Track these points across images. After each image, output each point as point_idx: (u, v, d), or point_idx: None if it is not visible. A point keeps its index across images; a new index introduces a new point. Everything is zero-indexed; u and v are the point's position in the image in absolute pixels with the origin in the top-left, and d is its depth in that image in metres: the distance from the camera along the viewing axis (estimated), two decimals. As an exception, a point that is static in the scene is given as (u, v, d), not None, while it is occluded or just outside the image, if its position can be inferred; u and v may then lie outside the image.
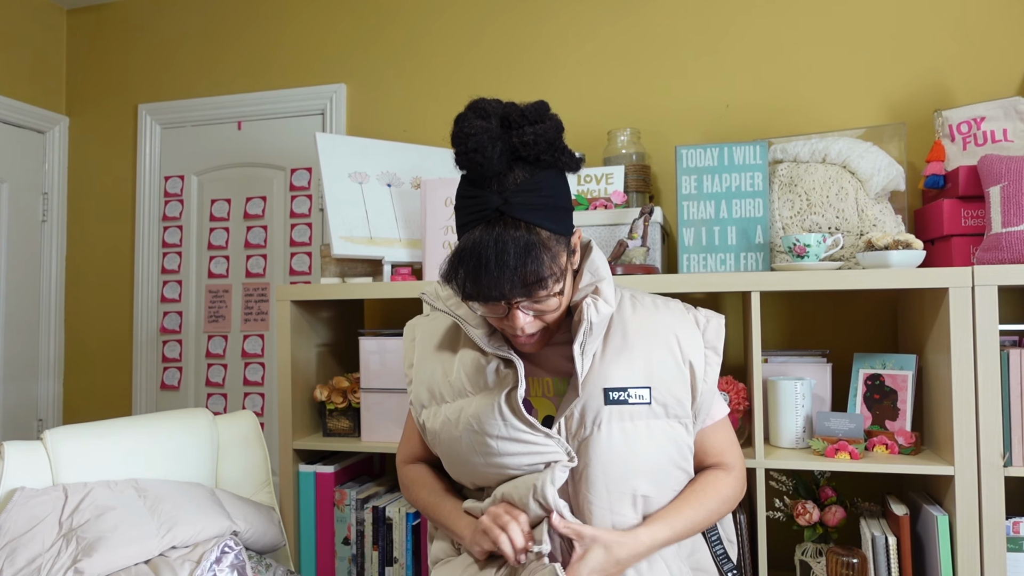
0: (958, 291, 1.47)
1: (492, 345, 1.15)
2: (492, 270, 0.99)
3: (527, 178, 1.04)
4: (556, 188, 1.07)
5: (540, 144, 1.04)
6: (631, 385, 1.13)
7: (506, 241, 1.00)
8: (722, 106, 2.15)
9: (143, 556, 1.35)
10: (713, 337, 1.20)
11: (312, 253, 2.55)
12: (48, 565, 1.26)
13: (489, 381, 1.16)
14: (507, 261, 0.99)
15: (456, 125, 1.06)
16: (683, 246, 1.77)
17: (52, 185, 2.81)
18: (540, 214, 1.03)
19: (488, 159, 1.02)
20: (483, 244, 1.00)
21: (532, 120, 1.05)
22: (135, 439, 1.56)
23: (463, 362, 1.20)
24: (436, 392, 1.23)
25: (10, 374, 2.67)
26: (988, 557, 1.44)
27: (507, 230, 1.01)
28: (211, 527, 1.45)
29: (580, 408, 1.13)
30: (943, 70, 1.99)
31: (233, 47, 2.67)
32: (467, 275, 1.01)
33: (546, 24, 2.32)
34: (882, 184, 1.71)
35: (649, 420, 1.13)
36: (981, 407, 1.45)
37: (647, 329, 1.18)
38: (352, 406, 1.93)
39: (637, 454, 1.11)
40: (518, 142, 1.03)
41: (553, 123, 1.06)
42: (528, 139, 1.03)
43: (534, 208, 1.03)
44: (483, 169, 1.03)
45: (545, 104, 1.07)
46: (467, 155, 1.03)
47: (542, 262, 1.01)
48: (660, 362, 1.15)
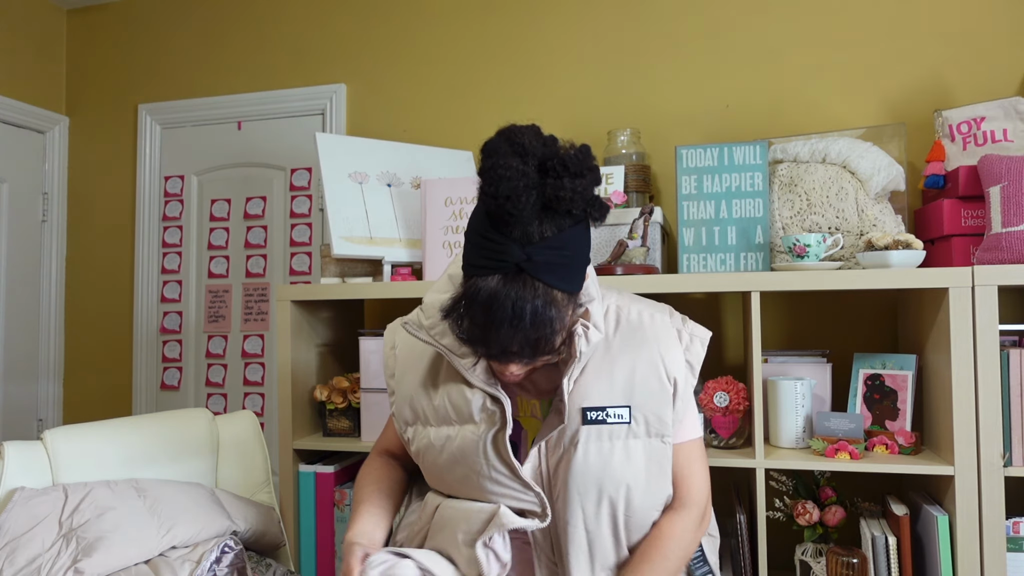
0: (958, 291, 1.47)
1: (479, 379, 1.12)
2: (505, 330, 0.95)
3: (554, 234, 0.98)
4: (580, 245, 1.01)
5: (576, 200, 0.97)
6: (610, 404, 1.11)
7: (524, 304, 0.95)
8: (722, 106, 2.15)
9: (143, 556, 1.35)
10: (693, 357, 1.17)
11: (312, 253, 2.55)
12: (48, 565, 1.26)
13: (475, 414, 1.13)
14: (522, 325, 0.95)
15: (488, 158, 0.97)
16: (683, 246, 1.77)
17: (52, 185, 2.81)
18: (559, 274, 0.98)
19: (519, 210, 0.95)
20: (498, 301, 0.95)
21: (573, 172, 0.97)
22: (135, 439, 1.56)
23: (448, 390, 1.16)
24: (420, 413, 1.20)
25: (10, 374, 2.67)
26: (988, 557, 1.44)
27: (525, 291, 0.95)
28: (211, 527, 1.45)
29: (558, 431, 1.12)
30: (943, 70, 1.99)
31: (233, 47, 2.67)
32: (475, 326, 0.97)
33: (546, 24, 2.32)
34: (882, 184, 1.71)
35: (628, 440, 1.11)
36: (981, 407, 1.45)
37: (630, 346, 1.15)
38: (352, 406, 1.93)
39: (613, 474, 1.10)
40: (552, 195, 0.96)
41: (593, 176, 0.99)
42: (565, 195, 0.96)
43: (555, 267, 0.97)
44: (511, 218, 0.96)
45: (588, 152, 1.00)
46: (496, 200, 0.95)
47: (554, 328, 0.97)
48: (642, 379, 1.13)
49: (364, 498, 1.26)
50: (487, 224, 0.98)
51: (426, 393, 1.19)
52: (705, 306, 2.10)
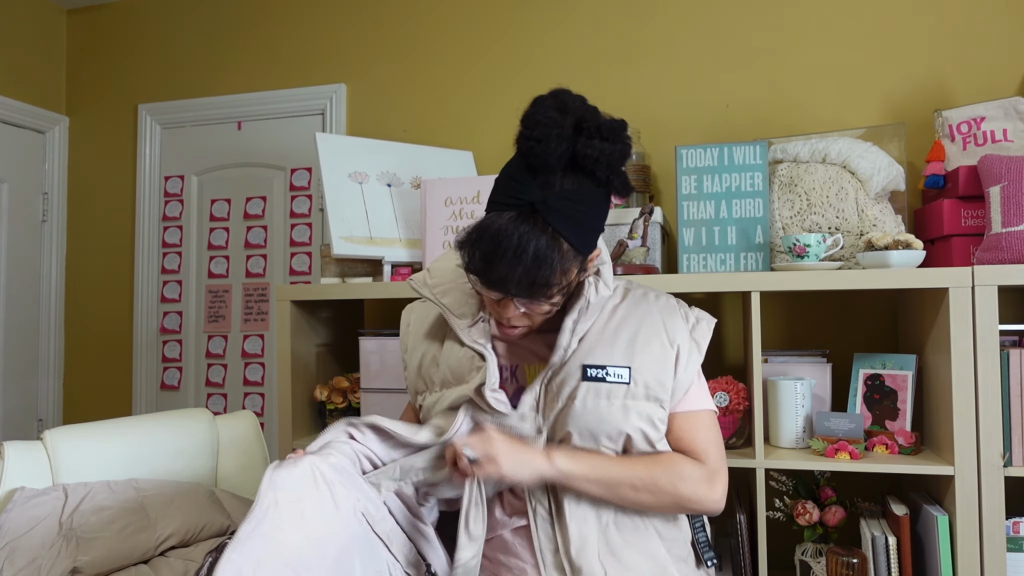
0: (958, 291, 1.47)
1: (470, 337, 1.17)
2: (505, 263, 1.00)
3: (574, 188, 1.03)
4: (596, 206, 1.06)
5: (602, 162, 1.03)
6: (611, 364, 1.13)
7: (529, 240, 1.00)
8: (722, 106, 2.15)
9: (143, 556, 1.35)
10: (699, 335, 1.19)
11: (312, 253, 2.55)
12: (48, 565, 1.26)
13: (467, 373, 1.17)
14: (523, 260, 0.99)
15: (532, 107, 1.05)
16: (683, 246, 1.77)
17: (52, 185, 2.81)
18: (571, 226, 1.03)
19: (547, 154, 1.02)
20: (506, 234, 1.00)
21: (605, 136, 1.04)
22: (135, 439, 1.56)
23: (448, 352, 1.21)
24: (427, 379, 1.25)
25: (10, 374, 2.67)
26: (988, 557, 1.44)
27: (534, 229, 1.00)
28: (211, 527, 1.45)
29: (558, 383, 1.13)
30: (943, 70, 1.99)
31: (233, 47, 2.67)
32: (480, 255, 1.02)
33: (546, 24, 2.32)
34: (882, 184, 1.71)
35: (626, 400, 1.12)
36: (981, 407, 1.45)
37: (635, 315, 1.18)
38: (352, 406, 1.93)
39: (610, 426, 1.12)
40: (581, 152, 1.02)
41: (623, 147, 1.05)
42: (593, 153, 1.02)
43: (568, 218, 1.02)
44: (538, 161, 1.02)
45: (624, 124, 1.07)
46: (528, 141, 1.02)
47: (554, 272, 1.01)
48: (644, 343, 1.15)
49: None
50: (516, 165, 1.06)
51: (431, 358, 1.24)
52: (705, 306, 2.10)
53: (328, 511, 1.04)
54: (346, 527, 1.05)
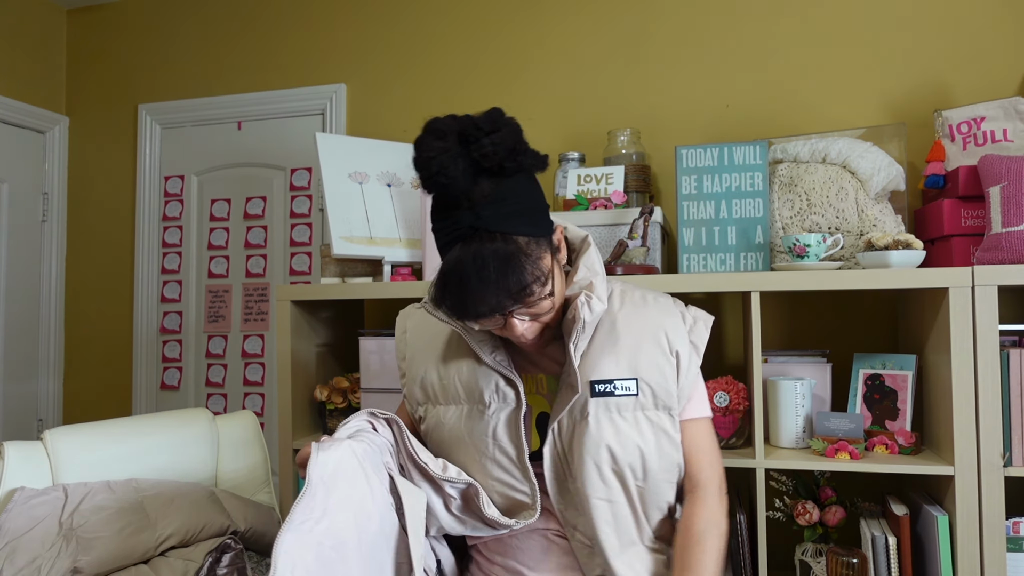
0: (958, 291, 1.47)
1: (495, 360, 1.16)
2: (475, 287, 0.99)
3: (494, 189, 1.03)
4: (526, 192, 1.06)
5: (500, 152, 1.02)
6: (617, 377, 1.14)
7: (484, 256, 0.99)
8: (722, 106, 2.15)
9: (143, 556, 1.35)
10: (697, 337, 1.21)
11: (312, 253, 2.55)
12: (48, 565, 1.26)
13: (485, 394, 1.16)
14: (488, 276, 0.99)
15: (416, 151, 1.05)
16: (683, 246, 1.77)
17: (52, 185, 2.81)
18: (513, 222, 1.03)
19: (453, 179, 1.01)
20: (462, 263, 1.00)
21: (488, 130, 1.03)
22: (135, 439, 1.56)
23: (458, 369, 1.20)
24: (430, 393, 1.24)
25: (10, 374, 2.67)
26: (988, 557, 1.44)
27: (484, 245, 1.00)
28: (211, 527, 1.45)
29: (568, 408, 1.14)
30: (943, 70, 1.99)
31: (233, 47, 2.67)
32: (452, 297, 1.01)
33: (547, 24, 2.32)
34: (882, 184, 1.71)
35: (636, 412, 1.14)
36: (981, 407, 1.45)
37: (635, 323, 1.19)
38: (352, 406, 1.93)
39: (625, 441, 1.12)
40: (478, 155, 1.02)
41: (510, 128, 1.05)
42: (487, 150, 1.02)
43: (506, 217, 1.02)
44: (449, 189, 1.02)
45: (498, 111, 1.06)
46: (431, 179, 1.02)
47: (524, 270, 1.01)
48: (647, 353, 1.16)
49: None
50: (437, 207, 1.06)
51: (436, 372, 1.23)
52: (705, 306, 2.10)
53: (367, 496, 1.05)
54: (380, 514, 1.06)
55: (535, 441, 1.18)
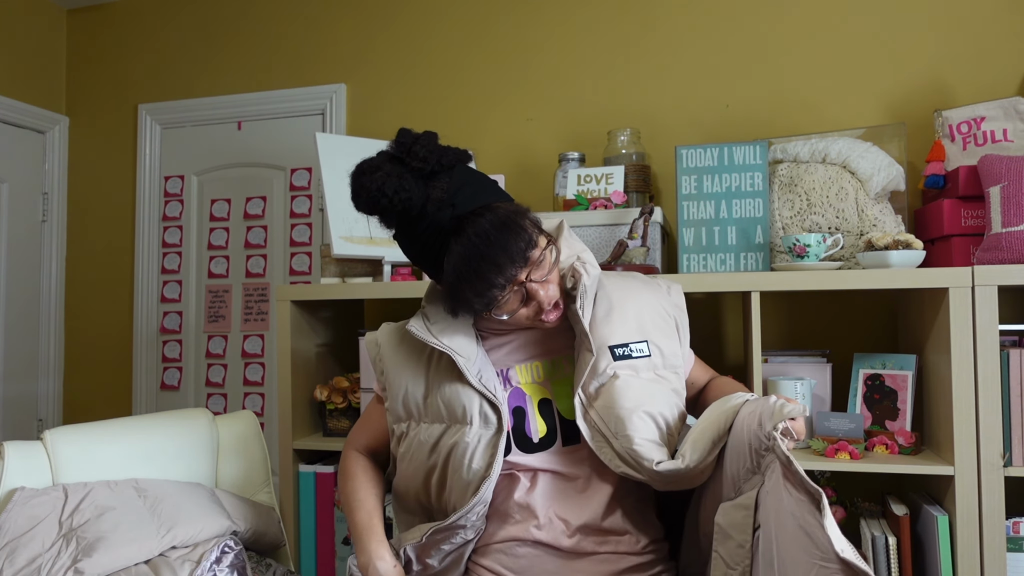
0: (958, 291, 1.47)
1: (480, 382, 1.15)
2: (489, 259, 1.02)
3: (448, 183, 1.07)
4: (474, 175, 1.11)
5: (433, 152, 1.08)
6: (630, 340, 1.17)
7: (482, 230, 1.03)
8: (722, 106, 2.15)
9: (143, 556, 1.35)
10: (680, 300, 1.29)
11: (312, 253, 2.55)
12: (48, 565, 1.26)
13: (468, 415, 1.15)
14: (496, 242, 1.02)
15: (360, 189, 1.09)
16: (683, 246, 1.77)
17: (52, 185, 2.81)
18: (483, 196, 1.07)
19: (409, 191, 1.05)
20: (468, 250, 1.03)
21: (412, 140, 1.09)
22: (135, 439, 1.55)
23: (440, 388, 1.18)
24: (412, 410, 1.21)
25: (10, 374, 2.67)
26: (988, 557, 1.44)
27: (474, 223, 1.04)
28: (211, 527, 1.45)
29: (590, 369, 1.15)
30: (943, 70, 1.99)
31: (233, 47, 2.67)
32: (472, 283, 1.04)
33: (547, 24, 2.32)
34: (882, 184, 1.71)
35: (652, 372, 1.18)
36: (981, 407, 1.45)
37: (628, 293, 1.23)
38: (352, 406, 1.93)
39: (654, 395, 1.15)
40: (418, 163, 1.07)
41: (425, 136, 1.10)
42: (422, 154, 1.07)
43: (475, 195, 1.07)
44: (412, 203, 1.06)
45: (405, 129, 1.13)
46: (390, 203, 1.05)
47: (521, 226, 1.05)
48: (649, 317, 1.21)
49: (363, 503, 1.27)
50: (407, 229, 1.11)
51: (417, 390, 1.21)
52: (705, 306, 2.10)
53: None
54: None
55: (541, 427, 1.18)
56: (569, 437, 1.17)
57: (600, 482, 1.16)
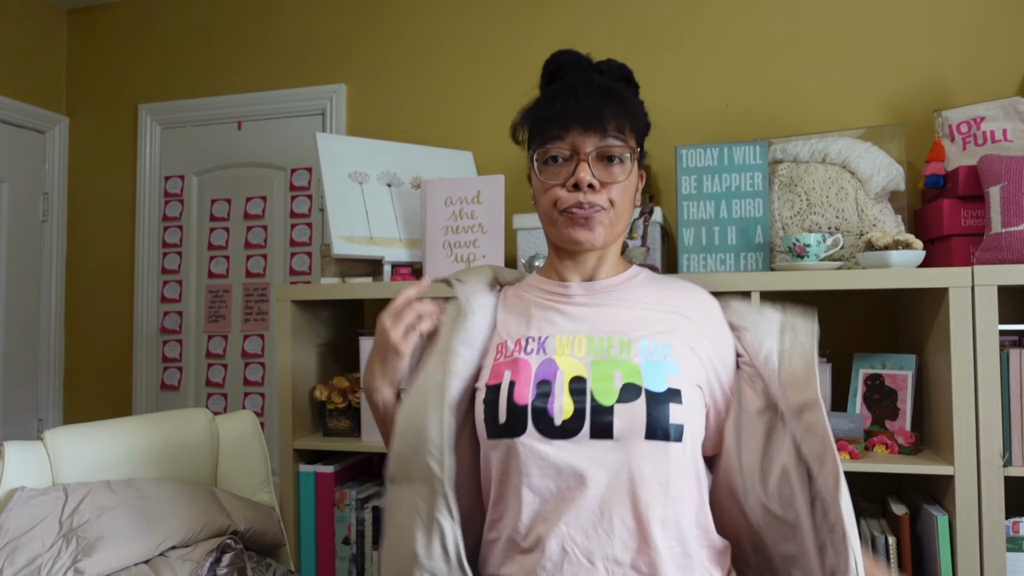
0: (958, 291, 1.47)
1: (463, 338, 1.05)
2: (579, 96, 1.04)
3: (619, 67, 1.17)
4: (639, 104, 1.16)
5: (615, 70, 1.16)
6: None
7: (594, 80, 1.08)
8: (722, 106, 2.15)
9: (143, 556, 1.35)
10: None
11: (312, 253, 2.55)
12: (48, 565, 1.26)
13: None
14: (595, 87, 1.05)
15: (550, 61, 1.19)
16: (683, 246, 1.77)
17: (52, 185, 2.81)
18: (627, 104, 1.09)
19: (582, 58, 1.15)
20: (573, 80, 1.09)
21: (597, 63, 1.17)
22: (135, 439, 1.56)
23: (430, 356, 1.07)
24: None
25: (10, 374, 2.67)
26: (988, 557, 1.44)
27: (597, 78, 1.10)
28: (211, 527, 1.45)
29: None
30: (943, 70, 1.99)
31: (233, 47, 2.66)
32: (550, 103, 1.08)
33: (546, 24, 2.32)
34: (882, 184, 1.71)
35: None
36: (981, 407, 1.45)
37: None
38: (352, 406, 1.93)
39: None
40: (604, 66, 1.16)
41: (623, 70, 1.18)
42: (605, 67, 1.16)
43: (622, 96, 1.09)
44: (581, 59, 1.15)
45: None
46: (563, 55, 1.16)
47: (623, 105, 1.06)
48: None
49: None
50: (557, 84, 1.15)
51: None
52: (705, 306, 2.10)
53: None
54: None
55: (568, 406, 0.96)
56: (599, 429, 0.95)
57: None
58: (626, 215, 1.09)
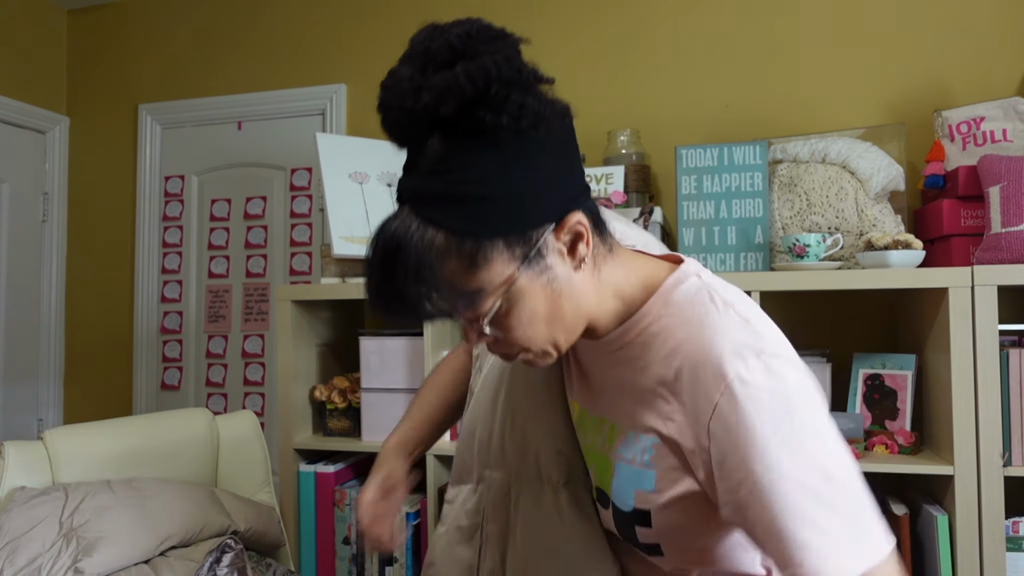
0: (957, 291, 1.47)
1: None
2: (370, 272, 0.71)
3: (439, 152, 0.69)
4: (480, 169, 0.68)
5: (447, 97, 0.66)
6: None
7: (385, 241, 0.69)
8: (722, 106, 2.15)
9: (143, 556, 1.35)
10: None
11: (312, 253, 2.55)
12: (48, 564, 1.26)
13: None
14: (376, 270, 0.70)
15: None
16: (683, 246, 1.77)
17: (52, 185, 2.82)
18: (444, 208, 0.68)
19: (396, 121, 0.70)
20: (371, 243, 0.72)
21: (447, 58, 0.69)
22: (135, 439, 1.56)
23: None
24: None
25: (10, 374, 2.67)
26: (987, 557, 1.44)
27: (398, 223, 0.69)
28: (211, 527, 1.45)
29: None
30: (943, 70, 1.99)
31: (233, 47, 2.67)
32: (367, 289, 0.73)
33: (546, 24, 2.32)
34: (882, 184, 1.71)
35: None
36: (980, 407, 1.45)
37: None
38: (352, 406, 1.93)
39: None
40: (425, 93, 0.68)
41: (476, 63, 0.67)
42: (433, 93, 0.67)
43: (436, 198, 0.69)
44: (394, 134, 0.72)
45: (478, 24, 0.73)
46: (382, 117, 0.72)
47: (418, 278, 0.68)
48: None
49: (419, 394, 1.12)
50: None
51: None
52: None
53: None
54: None
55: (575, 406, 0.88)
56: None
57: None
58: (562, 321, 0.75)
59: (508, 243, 0.70)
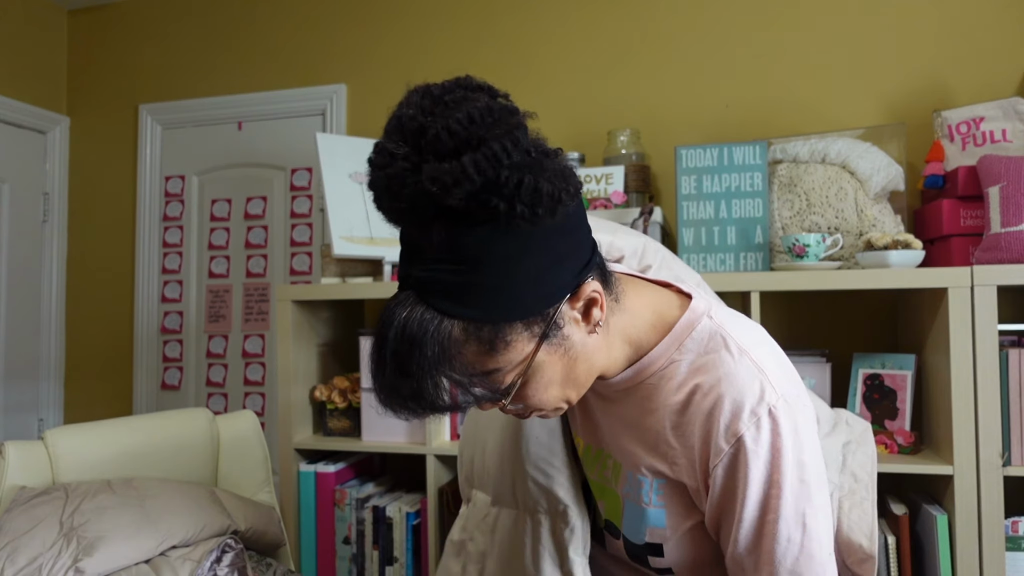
0: (957, 291, 1.47)
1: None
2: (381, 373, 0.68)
3: (444, 240, 0.66)
4: (488, 256, 0.65)
5: (453, 190, 0.62)
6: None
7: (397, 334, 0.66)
8: (722, 106, 2.15)
9: (143, 555, 1.35)
10: None
11: (312, 253, 2.55)
12: (49, 564, 1.26)
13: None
14: (388, 365, 0.67)
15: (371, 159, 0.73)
16: (683, 246, 1.77)
17: (53, 185, 2.82)
18: (457, 299, 0.66)
19: (391, 208, 0.69)
20: (377, 328, 0.68)
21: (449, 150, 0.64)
22: (135, 439, 1.56)
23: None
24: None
25: (11, 374, 2.67)
26: (987, 556, 1.44)
27: (407, 313, 0.67)
28: (211, 527, 1.45)
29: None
30: (943, 70, 1.99)
31: (233, 47, 2.67)
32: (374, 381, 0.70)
33: (547, 24, 2.32)
34: (881, 184, 1.71)
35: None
36: (980, 407, 1.45)
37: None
38: (352, 406, 1.93)
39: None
40: (424, 190, 0.64)
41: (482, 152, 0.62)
42: (438, 185, 0.63)
43: (445, 287, 0.66)
44: (391, 219, 0.70)
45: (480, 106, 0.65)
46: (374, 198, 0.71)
47: (436, 371, 0.66)
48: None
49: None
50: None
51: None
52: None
53: None
54: None
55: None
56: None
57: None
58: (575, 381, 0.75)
59: (527, 324, 0.69)
